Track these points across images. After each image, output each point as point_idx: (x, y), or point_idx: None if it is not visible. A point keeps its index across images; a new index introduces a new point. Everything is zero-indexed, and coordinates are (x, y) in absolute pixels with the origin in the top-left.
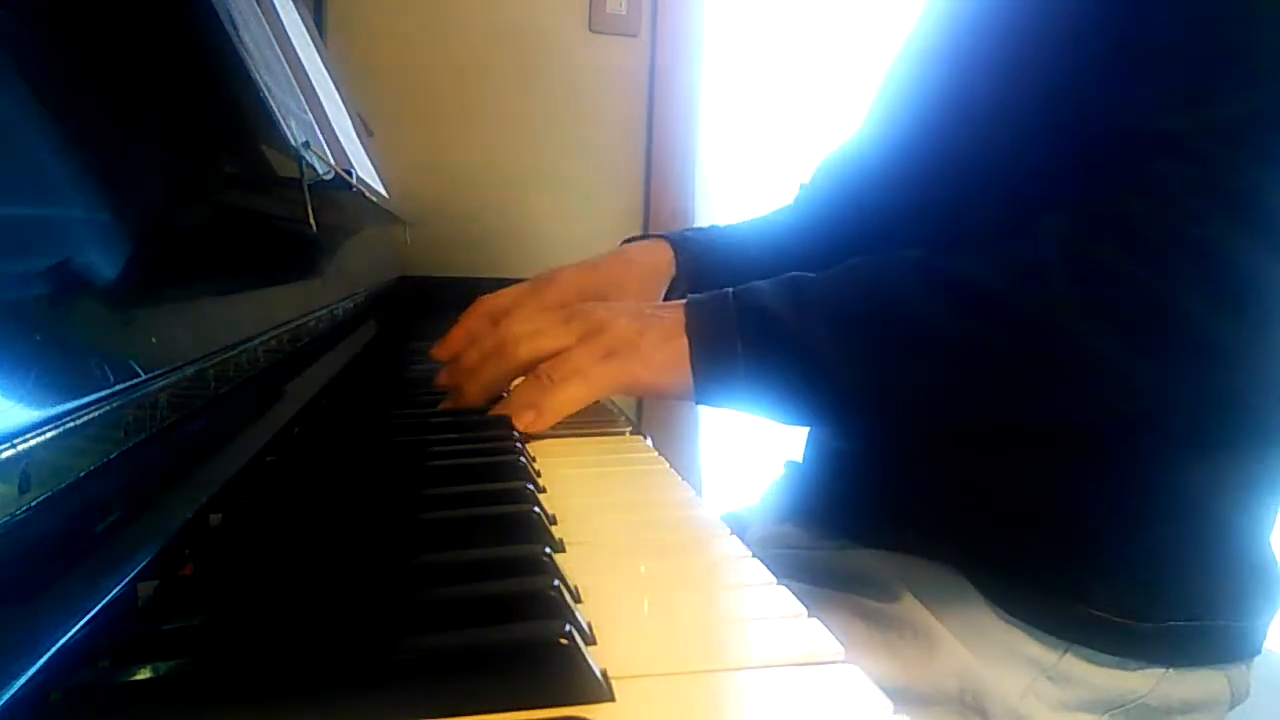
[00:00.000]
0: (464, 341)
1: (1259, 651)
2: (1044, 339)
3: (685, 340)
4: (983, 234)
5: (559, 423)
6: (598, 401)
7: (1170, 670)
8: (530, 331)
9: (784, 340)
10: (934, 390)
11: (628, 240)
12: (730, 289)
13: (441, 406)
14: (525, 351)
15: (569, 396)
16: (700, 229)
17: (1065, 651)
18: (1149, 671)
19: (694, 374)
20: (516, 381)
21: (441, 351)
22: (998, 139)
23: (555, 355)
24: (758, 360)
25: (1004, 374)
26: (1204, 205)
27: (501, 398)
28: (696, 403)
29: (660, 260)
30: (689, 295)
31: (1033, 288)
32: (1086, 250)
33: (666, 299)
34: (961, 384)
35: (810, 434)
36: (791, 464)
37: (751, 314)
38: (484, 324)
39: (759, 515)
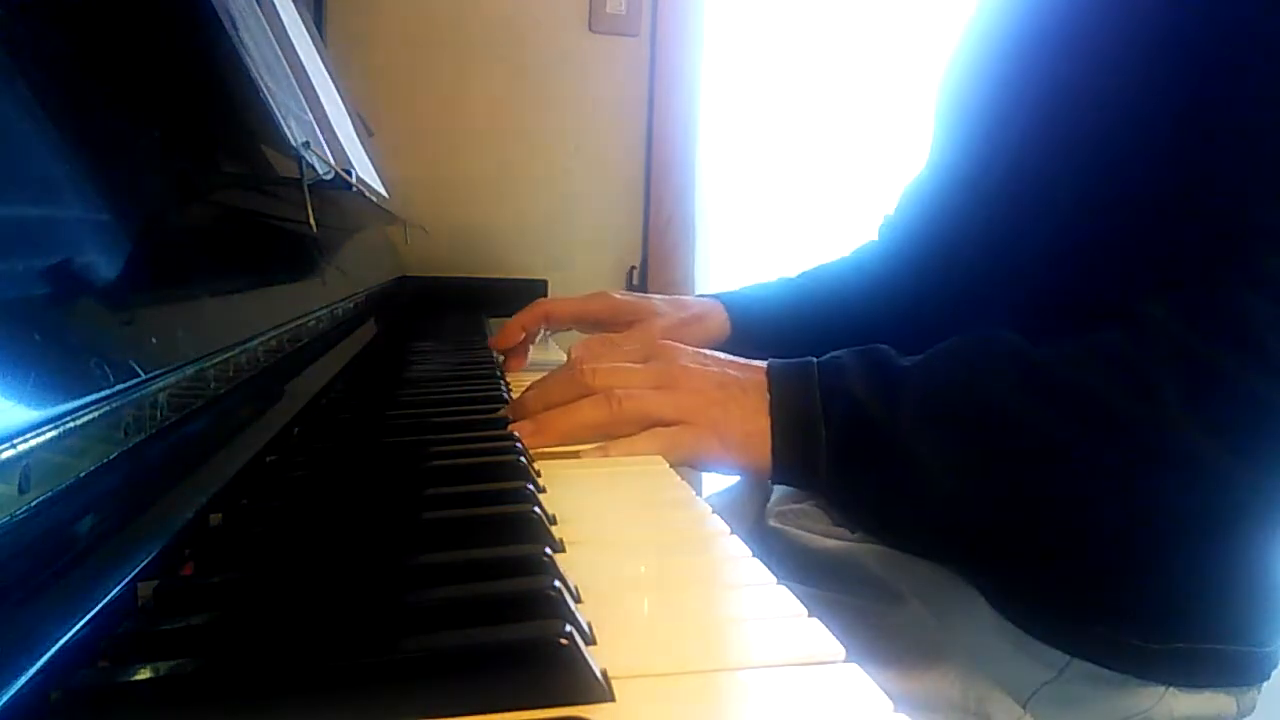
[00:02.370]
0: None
1: (1269, 677)
2: (1155, 449)
3: (768, 422)
4: (1050, 271)
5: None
6: None
7: (1173, 688)
8: (607, 370)
9: (872, 438)
10: (1033, 499)
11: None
12: (815, 362)
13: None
14: (599, 382)
15: (639, 450)
16: (759, 288)
17: (1068, 664)
18: (1153, 689)
19: (774, 460)
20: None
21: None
22: (1056, 208)
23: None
24: (842, 456)
25: (1108, 482)
26: None
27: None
28: (773, 484)
29: (714, 324)
30: (770, 361)
31: (1146, 396)
32: (1201, 355)
33: None
34: (1061, 491)
35: None
36: None
37: (837, 402)
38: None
39: (782, 486)
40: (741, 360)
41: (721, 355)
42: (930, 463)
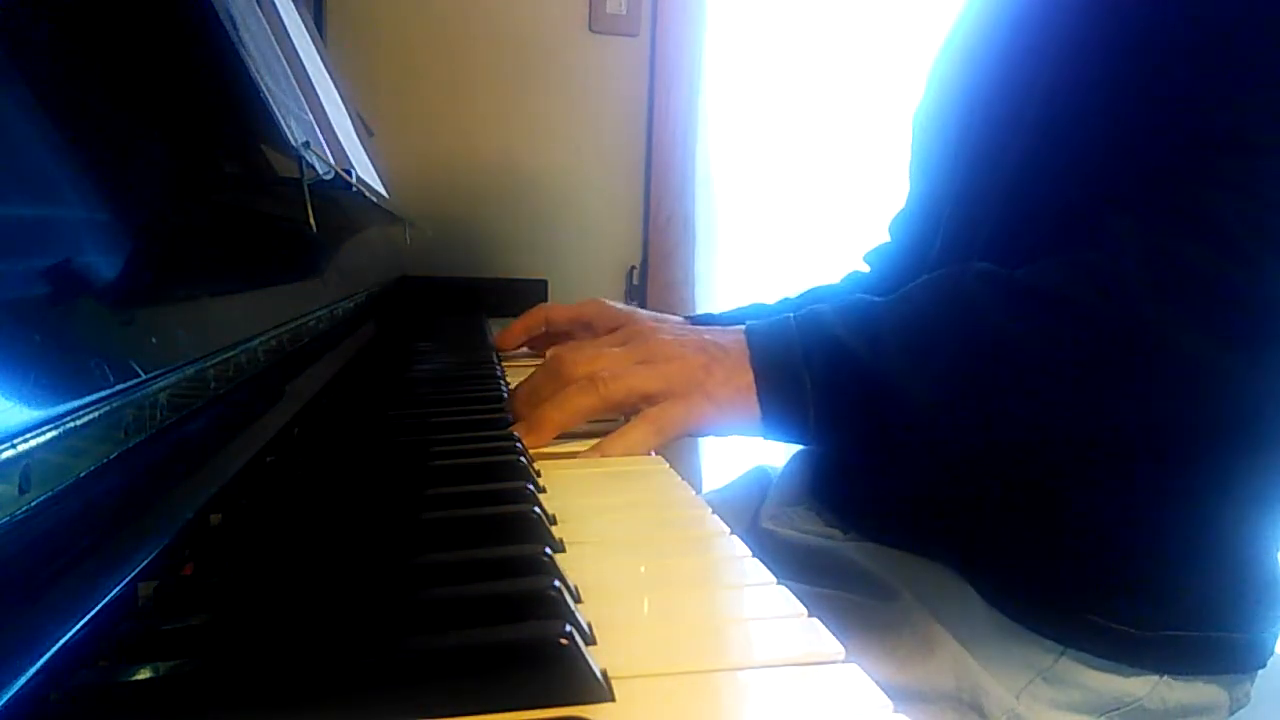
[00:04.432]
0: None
1: (1264, 665)
2: (1133, 345)
3: (751, 375)
4: (1038, 237)
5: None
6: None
7: (1167, 676)
8: (585, 356)
9: (855, 370)
10: (1021, 414)
11: None
12: (792, 315)
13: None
14: (582, 371)
15: (636, 442)
16: (733, 314)
17: (1061, 654)
18: (1146, 677)
19: (761, 408)
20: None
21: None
22: (1049, 148)
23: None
24: (828, 393)
25: (1095, 388)
26: None
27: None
28: (763, 438)
29: None
30: (747, 323)
31: (1115, 296)
32: (1166, 250)
33: None
34: (1048, 403)
35: None
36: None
37: (818, 344)
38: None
39: (777, 488)
40: (718, 328)
41: (698, 326)
42: (915, 387)
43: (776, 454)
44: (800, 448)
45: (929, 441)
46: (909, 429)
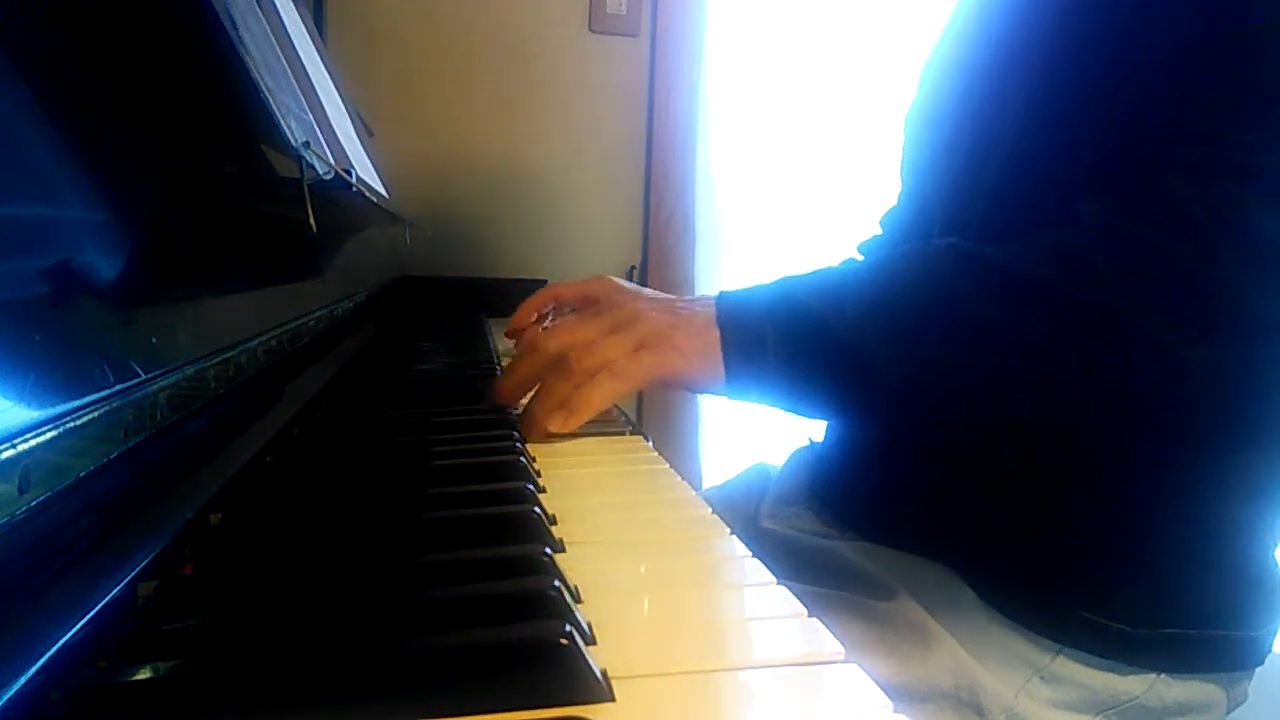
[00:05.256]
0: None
1: (1261, 663)
2: (1089, 320)
3: (717, 331)
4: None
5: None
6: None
7: (1164, 674)
8: (561, 329)
9: (817, 330)
10: (978, 380)
11: None
12: (766, 282)
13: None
14: (554, 344)
15: (601, 393)
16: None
17: (1059, 653)
18: (1143, 675)
19: (725, 364)
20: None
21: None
22: (1030, 151)
23: (585, 345)
24: (790, 349)
25: (1050, 361)
26: (1241, 185)
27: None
28: (729, 396)
29: None
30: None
31: (1075, 270)
32: (1125, 230)
33: None
34: (1005, 373)
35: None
36: (813, 443)
37: (783, 303)
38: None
39: (777, 486)
40: (694, 297)
41: (676, 300)
42: (876, 350)
43: (776, 452)
44: (798, 447)
45: (889, 401)
46: (870, 390)
